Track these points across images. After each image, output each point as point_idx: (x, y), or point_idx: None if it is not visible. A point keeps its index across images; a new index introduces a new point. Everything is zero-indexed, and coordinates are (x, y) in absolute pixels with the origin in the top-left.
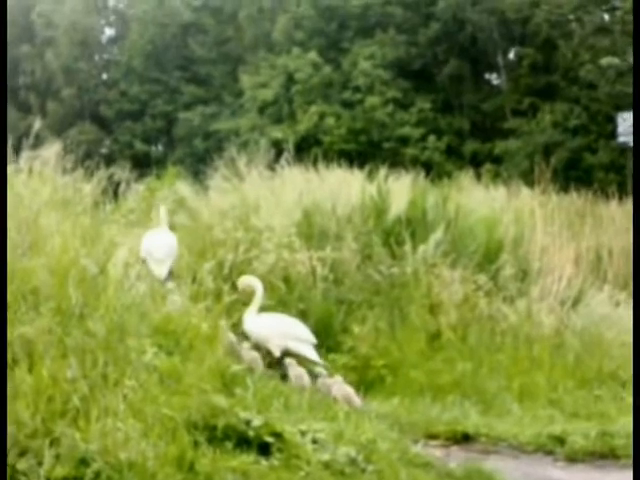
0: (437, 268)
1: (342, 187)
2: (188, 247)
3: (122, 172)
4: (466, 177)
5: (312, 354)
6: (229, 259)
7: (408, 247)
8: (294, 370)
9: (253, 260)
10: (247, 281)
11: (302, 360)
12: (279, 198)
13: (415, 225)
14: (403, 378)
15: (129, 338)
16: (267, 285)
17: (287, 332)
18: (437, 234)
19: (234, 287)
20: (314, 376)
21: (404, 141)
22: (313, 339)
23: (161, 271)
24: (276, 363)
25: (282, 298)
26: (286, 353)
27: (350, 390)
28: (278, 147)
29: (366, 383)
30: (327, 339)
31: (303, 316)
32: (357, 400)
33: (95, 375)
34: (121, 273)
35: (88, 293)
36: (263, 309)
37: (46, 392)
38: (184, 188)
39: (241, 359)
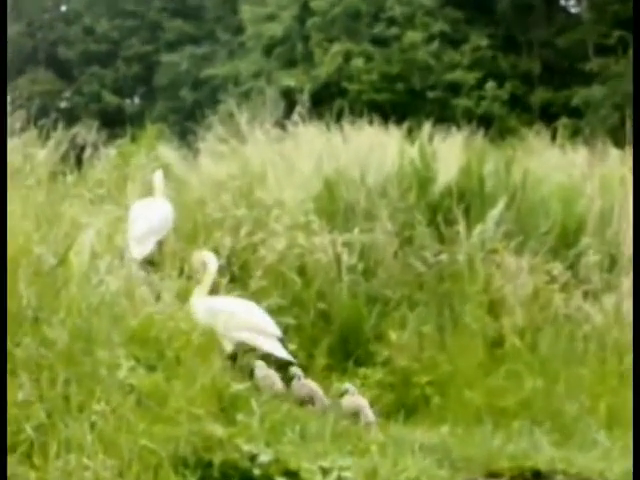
0: (498, 254)
1: (374, 150)
2: (174, 229)
3: (87, 133)
4: (536, 135)
5: (276, 349)
6: (227, 245)
7: (461, 227)
8: (262, 371)
9: (259, 246)
10: (200, 257)
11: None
12: (292, 165)
13: (470, 198)
14: (455, 399)
15: (97, 349)
16: (277, 279)
17: (241, 320)
18: (498, 210)
19: (234, 279)
20: (288, 379)
21: (454, 89)
22: (277, 331)
23: (139, 250)
24: (230, 360)
25: (296, 295)
26: (243, 348)
27: (364, 403)
28: (290, 98)
29: (407, 406)
30: (356, 348)
31: (324, 319)
32: (371, 416)
33: (54, 397)
34: (87, 264)
35: (44, 291)
36: (273, 310)
37: None
38: (168, 153)
39: (245, 375)
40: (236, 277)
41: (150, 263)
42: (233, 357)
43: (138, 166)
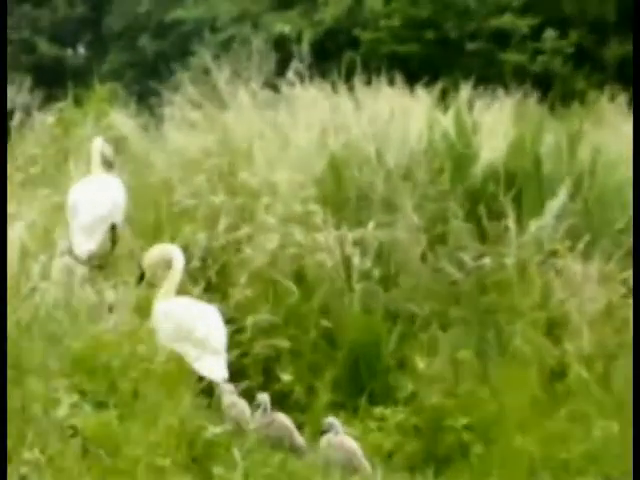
0: (559, 258)
1: (395, 119)
2: (131, 222)
3: (16, 93)
4: (609, 101)
5: (206, 369)
6: (201, 242)
7: (510, 222)
8: (228, 398)
9: (243, 244)
10: (160, 253)
11: None
12: (286, 138)
13: (522, 184)
14: (502, 448)
15: (29, 379)
16: (267, 287)
17: (181, 328)
18: (559, 200)
19: (211, 288)
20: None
21: (502, 39)
22: (221, 345)
23: (84, 247)
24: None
25: (293, 309)
26: None
27: (353, 446)
28: (284, 50)
29: (438, 457)
30: (370, 380)
31: (329, 341)
32: (366, 465)
33: None
34: (16, 267)
35: None
36: (261, 328)
37: None
38: (122, 120)
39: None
40: (213, 285)
41: (99, 266)
42: (209, 390)
43: (83, 138)
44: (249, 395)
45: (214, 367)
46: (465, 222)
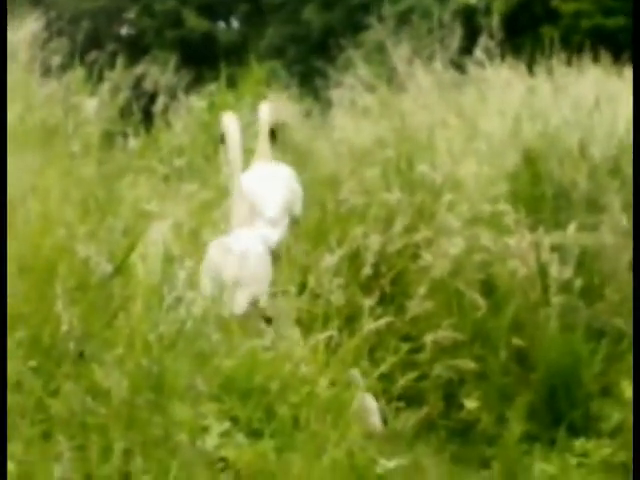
0: None
1: (600, 104)
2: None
3: (161, 74)
4: None
5: None
6: (374, 246)
7: None
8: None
9: (422, 248)
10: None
11: None
12: (473, 125)
13: None
14: None
15: (173, 403)
16: (449, 300)
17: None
18: None
19: (385, 299)
20: None
21: None
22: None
23: (274, 237)
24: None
25: (479, 325)
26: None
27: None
28: (472, 24)
29: None
30: (570, 408)
31: (522, 362)
32: (378, 423)
33: (109, 475)
34: (159, 274)
35: (93, 314)
36: (444, 348)
37: None
38: (283, 104)
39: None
40: (387, 296)
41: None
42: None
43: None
44: (429, 424)
45: None
46: None
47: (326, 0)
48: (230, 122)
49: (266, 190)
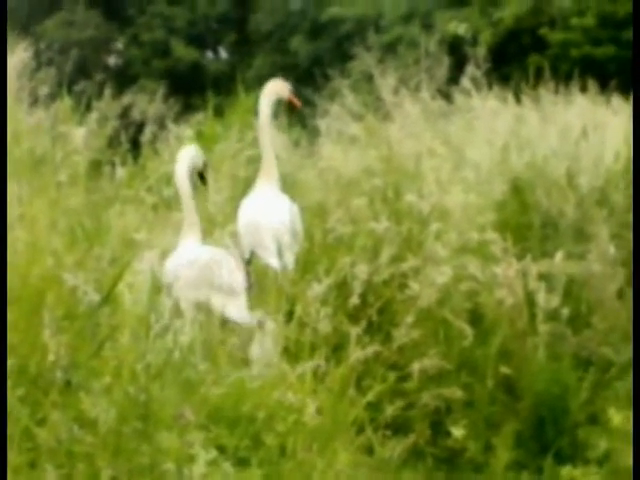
0: None
1: (588, 133)
2: None
3: (148, 103)
4: None
5: (234, 312)
6: (360, 275)
7: None
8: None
9: (409, 278)
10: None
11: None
12: (461, 155)
13: None
14: None
15: (160, 432)
16: (437, 329)
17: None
18: None
19: (372, 328)
20: None
21: None
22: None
23: (285, 263)
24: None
25: (467, 354)
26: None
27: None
28: (458, 54)
29: None
30: (558, 436)
31: (509, 391)
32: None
33: None
34: (146, 303)
35: (80, 342)
36: (430, 376)
37: None
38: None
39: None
40: (374, 324)
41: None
42: (368, 447)
43: (226, 154)
44: (416, 452)
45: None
46: None
47: (313, 30)
48: (180, 159)
49: (270, 219)
